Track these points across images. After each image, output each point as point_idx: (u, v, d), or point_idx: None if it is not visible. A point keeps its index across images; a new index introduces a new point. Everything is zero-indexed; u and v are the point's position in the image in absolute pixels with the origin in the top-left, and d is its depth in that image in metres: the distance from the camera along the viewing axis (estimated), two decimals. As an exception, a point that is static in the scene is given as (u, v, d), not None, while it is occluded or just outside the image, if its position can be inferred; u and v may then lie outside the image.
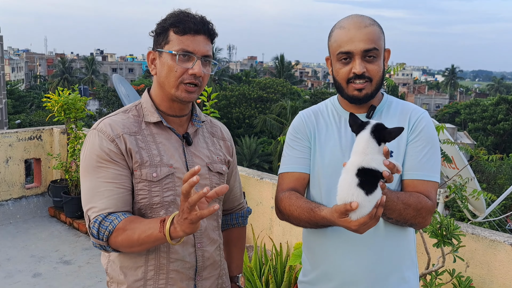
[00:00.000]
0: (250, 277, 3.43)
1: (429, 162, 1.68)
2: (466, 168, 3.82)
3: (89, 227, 1.56)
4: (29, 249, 4.92)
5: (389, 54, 1.76)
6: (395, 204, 1.56)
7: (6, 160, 5.65)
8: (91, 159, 1.60)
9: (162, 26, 1.65)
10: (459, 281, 2.62)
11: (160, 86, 1.68)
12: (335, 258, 1.74)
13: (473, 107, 47.03)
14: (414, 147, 1.69)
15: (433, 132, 1.73)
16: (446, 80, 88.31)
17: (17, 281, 4.24)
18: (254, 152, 33.27)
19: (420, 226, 1.69)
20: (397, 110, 1.76)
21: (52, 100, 5.33)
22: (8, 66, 67.68)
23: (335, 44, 1.69)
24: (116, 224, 1.53)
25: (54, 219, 5.79)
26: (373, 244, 1.68)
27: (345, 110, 1.78)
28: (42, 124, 26.39)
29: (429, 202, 1.64)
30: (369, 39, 1.64)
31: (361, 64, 1.65)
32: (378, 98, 1.78)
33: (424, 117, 1.73)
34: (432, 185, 1.68)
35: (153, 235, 1.46)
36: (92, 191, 1.58)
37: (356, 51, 1.64)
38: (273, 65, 71.52)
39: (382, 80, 1.71)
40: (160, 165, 1.63)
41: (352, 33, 1.65)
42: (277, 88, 41.50)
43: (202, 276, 1.73)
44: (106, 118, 1.68)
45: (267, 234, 4.09)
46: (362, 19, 1.68)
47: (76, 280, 4.28)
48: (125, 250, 1.58)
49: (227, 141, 1.91)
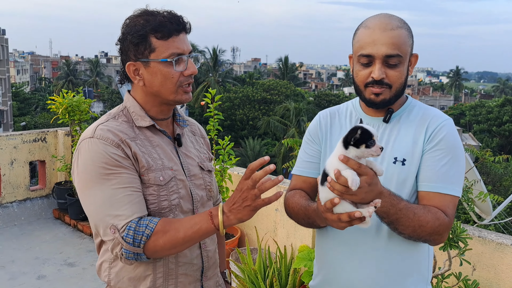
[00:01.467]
0: (254, 279, 3.41)
1: (447, 174, 1.56)
2: (472, 170, 3.79)
3: (122, 237, 1.46)
4: (33, 251, 4.92)
5: (416, 59, 1.65)
6: (410, 221, 1.49)
7: (11, 162, 5.66)
8: (97, 168, 1.50)
9: (139, 35, 1.53)
10: (466, 285, 2.59)
11: (152, 95, 1.61)
12: (335, 265, 1.72)
13: (478, 109, 46.86)
14: (432, 157, 1.58)
15: (455, 142, 1.60)
16: (451, 82, 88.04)
17: (21, 283, 4.24)
18: (258, 153, 33.24)
19: (435, 243, 1.59)
20: (418, 116, 1.66)
21: (57, 102, 5.34)
22: (13, 69, 68.03)
23: (357, 45, 1.61)
24: (153, 228, 1.46)
25: (59, 221, 5.79)
26: (373, 253, 1.63)
27: (364, 113, 1.72)
28: (47, 126, 26.50)
29: (446, 219, 1.54)
30: (393, 43, 1.54)
31: (381, 69, 1.56)
32: (400, 101, 1.69)
33: (445, 125, 1.61)
34: (450, 199, 1.56)
35: (201, 229, 1.45)
36: (110, 200, 1.48)
37: (377, 55, 1.55)
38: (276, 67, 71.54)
39: (403, 87, 1.62)
40: (163, 168, 1.59)
41: (375, 35, 1.56)
42: (280, 90, 41.49)
43: (207, 276, 1.74)
44: (100, 125, 1.58)
45: (271, 236, 4.07)
46: (389, 20, 1.58)
47: (80, 282, 4.28)
48: (164, 253, 1.52)
49: (205, 138, 1.92)
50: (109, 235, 1.48)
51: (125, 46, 1.57)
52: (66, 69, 64.65)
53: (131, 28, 1.55)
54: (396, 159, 1.60)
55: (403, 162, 1.59)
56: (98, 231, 1.53)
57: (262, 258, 3.60)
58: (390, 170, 1.59)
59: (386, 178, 1.58)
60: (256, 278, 3.40)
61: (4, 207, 5.63)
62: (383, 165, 1.60)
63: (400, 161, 1.60)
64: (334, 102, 39.98)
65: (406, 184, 1.59)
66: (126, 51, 1.57)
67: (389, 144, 1.63)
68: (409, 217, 1.48)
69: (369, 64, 1.58)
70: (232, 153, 4.15)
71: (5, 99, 42.94)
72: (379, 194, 1.39)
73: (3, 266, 4.56)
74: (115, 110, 1.68)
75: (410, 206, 1.49)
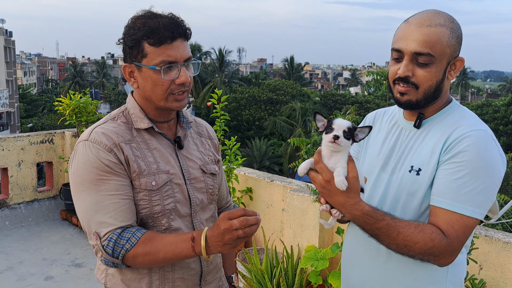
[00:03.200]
0: (261, 280, 3.41)
1: (460, 190, 1.41)
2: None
3: (102, 245, 1.48)
4: (41, 252, 4.96)
5: (462, 63, 1.51)
6: (392, 239, 1.42)
7: (19, 163, 5.70)
8: (88, 172, 1.50)
9: (133, 39, 1.51)
10: (473, 284, 2.59)
11: (145, 98, 1.60)
12: (345, 269, 1.75)
13: (485, 108, 46.55)
14: (446, 169, 1.45)
15: (479, 156, 1.42)
16: (457, 81, 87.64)
17: (29, 284, 4.27)
18: (264, 154, 33.23)
19: (435, 263, 1.45)
20: (448, 124, 1.52)
21: (64, 103, 5.37)
22: (20, 70, 68.45)
23: (394, 38, 1.53)
24: (133, 243, 1.47)
25: (66, 222, 5.82)
26: (377, 259, 1.60)
27: (403, 116, 1.65)
28: (54, 128, 26.62)
29: (443, 241, 1.39)
30: (425, 40, 1.44)
31: (408, 66, 1.47)
32: (439, 105, 1.56)
33: (470, 136, 1.44)
34: (457, 219, 1.41)
35: (182, 253, 1.45)
36: (96, 206, 1.49)
37: (406, 50, 1.47)
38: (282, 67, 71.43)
39: (435, 91, 1.50)
40: (157, 172, 1.57)
41: (410, 29, 1.47)
42: (287, 90, 41.44)
43: (206, 281, 1.72)
44: (97, 127, 1.57)
45: (278, 236, 4.07)
46: (432, 16, 1.47)
47: (88, 283, 4.30)
48: (144, 266, 1.56)
49: (214, 140, 1.88)
50: (93, 240, 1.51)
51: (123, 48, 1.57)
52: (72, 71, 64.97)
53: (128, 30, 1.54)
54: (412, 167, 1.53)
55: (418, 172, 1.51)
56: (87, 234, 1.55)
57: (269, 258, 3.60)
58: (405, 178, 1.54)
59: (399, 186, 1.55)
60: (263, 278, 3.41)
61: (12, 209, 5.67)
62: (400, 173, 1.55)
63: (416, 171, 1.51)
64: (340, 102, 39.87)
65: (417, 195, 1.51)
66: (124, 52, 1.57)
67: (411, 151, 1.56)
68: (391, 236, 1.41)
69: (400, 59, 1.51)
70: (239, 153, 4.16)
71: (12, 100, 43.19)
72: (352, 205, 1.41)
73: (11, 267, 4.59)
74: (116, 111, 1.67)
75: (395, 225, 1.41)
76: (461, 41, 1.50)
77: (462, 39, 1.50)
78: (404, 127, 1.62)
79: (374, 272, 1.62)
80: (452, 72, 1.52)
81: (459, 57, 1.51)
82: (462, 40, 1.51)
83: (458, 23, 1.51)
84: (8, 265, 4.62)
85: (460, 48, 1.51)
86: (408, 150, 1.57)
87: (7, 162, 5.61)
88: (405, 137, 1.60)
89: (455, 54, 1.50)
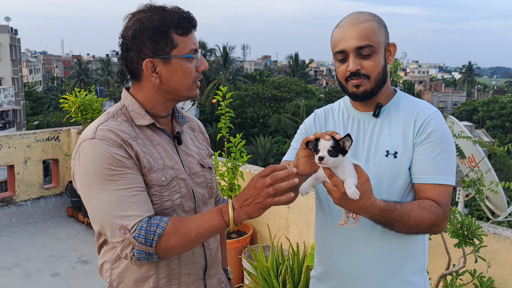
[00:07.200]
0: (267, 277, 3.41)
1: (440, 165, 1.62)
2: (484, 162, 3.74)
3: (133, 237, 1.43)
4: (47, 248, 4.98)
5: (394, 48, 1.71)
6: (405, 224, 1.55)
7: (25, 161, 5.72)
8: (102, 169, 1.46)
9: (162, 30, 1.50)
10: (481, 282, 2.57)
11: (164, 92, 1.59)
12: (335, 257, 1.77)
13: (491, 105, 46.35)
14: (423, 149, 1.63)
15: (444, 133, 1.65)
16: (463, 77, 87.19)
17: (36, 280, 4.29)
18: (269, 151, 33.25)
19: (434, 233, 1.66)
20: (406, 109, 1.71)
21: (69, 101, 5.39)
22: (25, 68, 68.70)
23: (332, 44, 1.70)
24: (164, 227, 1.45)
25: (72, 219, 5.85)
26: (370, 244, 1.69)
27: (354, 109, 1.78)
28: (60, 125, 26.71)
29: (441, 210, 1.60)
30: (362, 35, 1.62)
31: (355, 61, 1.63)
32: (388, 95, 1.74)
33: (433, 117, 1.65)
34: (444, 189, 1.62)
35: (212, 226, 1.46)
36: (117, 201, 1.45)
37: (349, 48, 1.63)
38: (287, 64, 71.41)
39: (383, 76, 1.67)
40: (164, 168, 1.57)
41: (345, 31, 1.65)
42: (291, 87, 41.42)
43: (210, 274, 1.73)
44: (100, 125, 1.53)
45: (283, 234, 4.07)
46: (358, 16, 1.66)
47: (94, 279, 4.31)
48: (176, 252, 1.51)
49: (205, 134, 1.91)
50: (118, 236, 1.45)
51: (140, 42, 1.51)
52: (78, 68, 65.21)
53: (149, 24, 1.50)
54: (388, 152, 1.65)
55: (395, 155, 1.64)
56: (105, 234, 1.49)
57: (275, 256, 3.60)
58: (383, 163, 1.65)
59: (380, 171, 1.65)
60: (269, 275, 3.40)
61: (18, 206, 5.70)
62: (376, 159, 1.66)
63: (392, 154, 1.65)
64: (345, 99, 39.79)
65: (400, 176, 1.64)
66: (141, 48, 1.52)
67: (380, 137, 1.69)
68: (404, 221, 1.54)
69: (345, 59, 1.66)
70: (244, 150, 4.15)
71: (18, 98, 43.37)
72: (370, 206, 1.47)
73: (18, 263, 4.62)
74: (113, 108, 1.64)
75: (405, 211, 1.54)
76: (387, 29, 1.71)
77: (387, 27, 1.71)
78: (361, 118, 1.75)
79: (368, 257, 1.70)
80: (390, 57, 1.71)
81: (391, 43, 1.71)
82: (387, 28, 1.72)
83: (379, 16, 1.72)
84: (15, 262, 4.65)
85: (389, 35, 1.71)
86: (376, 137, 1.69)
87: (13, 159, 5.63)
88: (366, 126, 1.73)
89: (387, 41, 1.70)
